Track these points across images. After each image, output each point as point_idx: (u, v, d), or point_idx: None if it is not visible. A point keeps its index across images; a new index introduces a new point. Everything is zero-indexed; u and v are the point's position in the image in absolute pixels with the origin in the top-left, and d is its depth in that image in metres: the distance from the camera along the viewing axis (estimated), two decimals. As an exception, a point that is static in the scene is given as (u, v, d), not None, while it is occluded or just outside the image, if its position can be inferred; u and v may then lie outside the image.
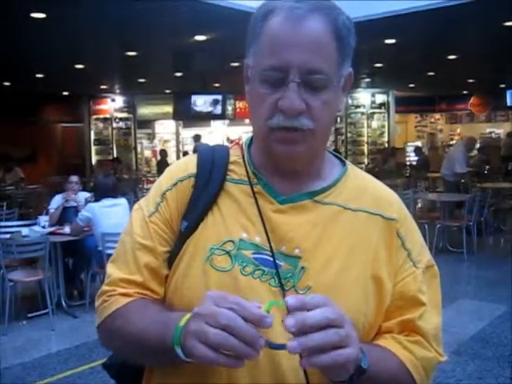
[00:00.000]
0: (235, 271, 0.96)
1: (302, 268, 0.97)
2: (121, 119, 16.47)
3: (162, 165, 14.13)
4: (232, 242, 0.99)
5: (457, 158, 9.54)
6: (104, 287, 1.04)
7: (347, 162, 1.12)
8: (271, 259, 0.97)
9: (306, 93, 0.93)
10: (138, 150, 16.94)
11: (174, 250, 1.03)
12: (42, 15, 6.23)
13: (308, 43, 0.91)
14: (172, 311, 0.96)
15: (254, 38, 0.97)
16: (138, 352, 0.99)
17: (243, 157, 1.08)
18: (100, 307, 1.03)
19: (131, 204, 6.23)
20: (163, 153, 14.94)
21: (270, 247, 0.98)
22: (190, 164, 1.09)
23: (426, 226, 7.42)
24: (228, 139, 16.41)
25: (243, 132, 17.56)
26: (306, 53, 0.91)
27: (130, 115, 16.44)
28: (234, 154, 1.09)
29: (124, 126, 16.50)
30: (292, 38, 0.91)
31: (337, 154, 1.15)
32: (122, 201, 5.61)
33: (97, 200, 5.47)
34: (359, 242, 1.00)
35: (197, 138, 15.39)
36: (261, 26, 0.95)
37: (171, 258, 1.03)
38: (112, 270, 1.05)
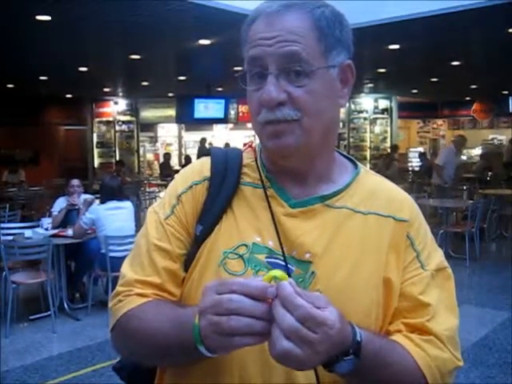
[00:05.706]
0: (248, 275, 0.96)
1: (313, 273, 0.96)
2: (123, 122, 16.49)
3: (165, 167, 14.31)
4: (245, 245, 0.99)
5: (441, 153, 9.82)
6: (119, 288, 1.02)
7: (360, 164, 1.11)
8: (283, 263, 0.97)
9: (287, 83, 0.94)
10: (141, 153, 16.98)
11: (190, 253, 1.03)
12: (47, 18, 6.24)
13: (283, 34, 0.93)
14: (185, 307, 0.94)
15: (243, 45, 1.01)
16: (155, 352, 0.96)
17: (256, 160, 1.08)
18: (114, 307, 1.00)
19: (135, 207, 6.22)
20: (167, 155, 15.14)
21: (282, 252, 0.98)
22: (204, 167, 1.08)
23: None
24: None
25: (245, 136, 17.60)
26: (281, 43, 0.93)
27: (133, 118, 16.48)
28: (247, 157, 1.09)
29: (127, 129, 16.54)
30: (267, 31, 0.94)
31: (349, 157, 1.13)
32: (128, 204, 5.56)
33: (102, 202, 5.43)
34: (370, 246, 1.00)
35: (203, 141, 15.49)
36: (247, 31, 0.99)
37: (187, 262, 1.02)
38: (126, 271, 1.04)
